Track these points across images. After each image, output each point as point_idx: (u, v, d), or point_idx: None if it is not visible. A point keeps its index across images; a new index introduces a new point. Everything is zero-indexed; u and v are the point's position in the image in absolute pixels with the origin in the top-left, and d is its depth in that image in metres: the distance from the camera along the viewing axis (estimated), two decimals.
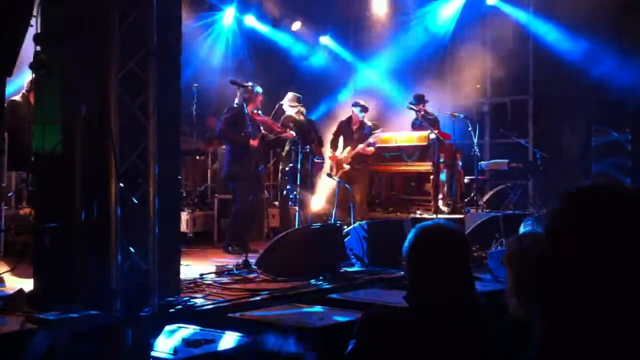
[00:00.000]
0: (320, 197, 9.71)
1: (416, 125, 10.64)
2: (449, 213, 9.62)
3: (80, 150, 4.46)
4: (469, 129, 10.08)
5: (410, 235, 2.44)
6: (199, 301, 5.00)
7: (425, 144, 10.14)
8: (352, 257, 6.94)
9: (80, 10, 4.52)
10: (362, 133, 9.78)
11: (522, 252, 2.58)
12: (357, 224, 7.34)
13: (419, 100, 10.40)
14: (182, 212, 8.40)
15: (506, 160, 10.69)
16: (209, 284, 5.68)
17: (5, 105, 5.58)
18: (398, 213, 10.19)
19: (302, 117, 8.96)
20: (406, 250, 2.42)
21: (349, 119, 9.74)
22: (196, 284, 5.64)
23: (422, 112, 10.24)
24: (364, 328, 2.35)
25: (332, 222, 8.77)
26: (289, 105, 8.99)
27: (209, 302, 5.02)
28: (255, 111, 8.16)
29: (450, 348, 2.27)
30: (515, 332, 2.40)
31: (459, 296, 2.33)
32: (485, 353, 2.32)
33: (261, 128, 8.29)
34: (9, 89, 6.98)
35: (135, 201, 4.58)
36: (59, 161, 4.50)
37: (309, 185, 8.52)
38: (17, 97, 7.18)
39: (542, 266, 1.66)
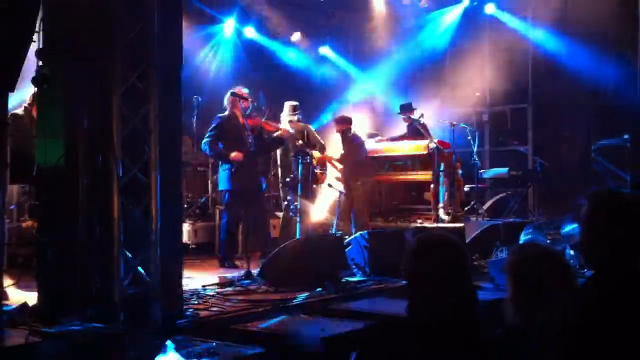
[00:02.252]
0: (322, 207, 9.73)
1: (407, 134, 10.72)
2: (449, 222, 9.64)
3: (82, 164, 4.49)
4: (469, 138, 10.13)
5: (409, 247, 2.46)
6: (201, 313, 5.02)
7: (425, 153, 10.17)
8: (354, 266, 6.95)
9: (82, 25, 4.57)
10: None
11: (522, 261, 2.61)
12: (358, 233, 7.36)
13: (405, 109, 10.46)
14: (183, 224, 8.41)
15: (506, 169, 10.72)
16: (212, 296, 5.70)
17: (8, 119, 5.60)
18: (399, 222, 10.22)
19: (291, 126, 8.79)
20: (405, 261, 2.44)
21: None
22: (198, 296, 5.66)
23: (410, 121, 10.35)
24: (368, 339, 2.37)
25: (333, 232, 8.80)
26: (287, 115, 8.91)
27: (212, 314, 5.04)
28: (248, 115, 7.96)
29: (451, 357, 2.29)
30: (514, 340, 2.42)
31: (459, 305, 2.35)
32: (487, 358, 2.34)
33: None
34: (11, 102, 7.01)
35: (138, 214, 4.60)
36: (62, 174, 4.52)
37: (310, 195, 8.52)
38: (19, 111, 7.20)
39: None
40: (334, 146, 9.87)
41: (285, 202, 8.94)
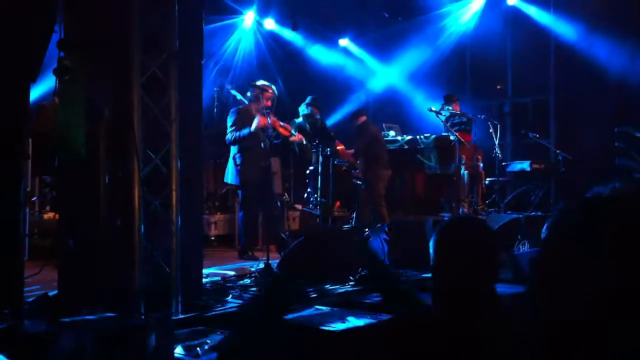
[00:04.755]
0: (341, 199, 9.69)
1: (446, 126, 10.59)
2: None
3: (104, 154, 4.50)
4: (490, 130, 10.03)
5: (436, 232, 2.41)
6: (221, 304, 5.02)
7: (446, 145, 10.10)
8: None
9: (103, 14, 4.57)
10: None
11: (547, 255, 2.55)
12: (378, 225, 7.32)
13: (447, 100, 10.36)
14: (203, 215, 8.39)
15: (528, 162, 10.62)
16: (231, 287, 5.70)
17: (32, 110, 5.64)
18: (419, 215, 10.15)
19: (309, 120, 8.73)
20: (434, 246, 2.39)
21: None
22: (218, 287, 5.66)
23: (449, 112, 10.23)
24: (394, 329, 2.34)
25: (353, 224, 8.77)
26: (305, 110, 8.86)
27: (231, 305, 5.04)
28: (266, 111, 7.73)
29: (476, 348, 2.25)
30: (535, 334, 2.38)
31: (486, 293, 2.31)
32: (509, 354, 2.30)
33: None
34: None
35: (158, 205, 4.60)
36: (83, 165, 4.54)
37: (330, 187, 8.48)
38: (46, 103, 7.25)
39: None
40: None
41: (306, 195, 8.92)
